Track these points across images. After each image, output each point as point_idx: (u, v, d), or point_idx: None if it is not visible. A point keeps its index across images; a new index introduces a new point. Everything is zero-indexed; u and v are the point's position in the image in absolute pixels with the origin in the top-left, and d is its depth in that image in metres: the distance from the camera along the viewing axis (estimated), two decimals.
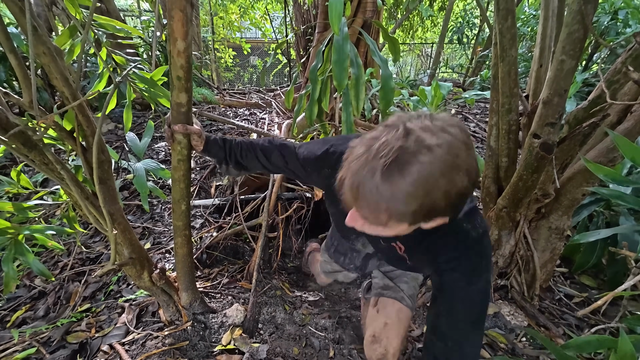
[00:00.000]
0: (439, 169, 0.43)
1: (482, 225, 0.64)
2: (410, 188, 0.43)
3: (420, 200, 0.44)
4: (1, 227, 0.72)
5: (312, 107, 1.70)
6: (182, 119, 0.76)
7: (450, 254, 0.65)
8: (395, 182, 0.44)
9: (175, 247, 1.01)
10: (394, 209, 0.46)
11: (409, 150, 0.43)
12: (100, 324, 1.15)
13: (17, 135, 0.59)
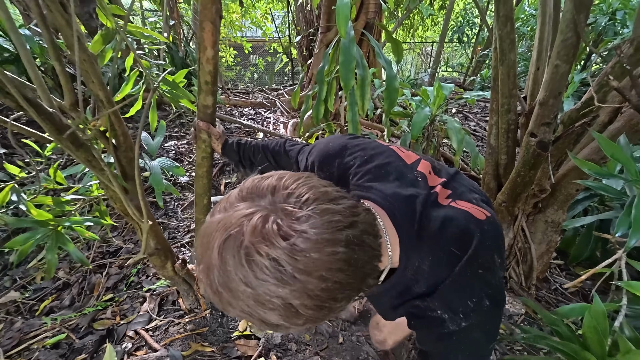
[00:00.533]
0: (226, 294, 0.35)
1: (475, 314, 0.46)
2: (206, 291, 0.37)
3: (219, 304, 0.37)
4: (44, 219, 0.80)
5: (319, 107, 1.77)
6: (208, 119, 0.83)
7: (423, 339, 0.53)
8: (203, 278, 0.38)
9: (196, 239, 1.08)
10: None
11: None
12: (124, 312, 1.23)
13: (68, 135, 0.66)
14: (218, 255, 0.34)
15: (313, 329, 1.34)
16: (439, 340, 0.48)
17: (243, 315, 0.36)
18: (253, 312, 0.35)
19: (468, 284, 0.45)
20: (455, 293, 0.46)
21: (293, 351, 1.16)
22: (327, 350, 1.21)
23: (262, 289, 0.33)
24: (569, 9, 0.83)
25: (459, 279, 0.45)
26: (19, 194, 0.76)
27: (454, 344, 0.47)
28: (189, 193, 1.92)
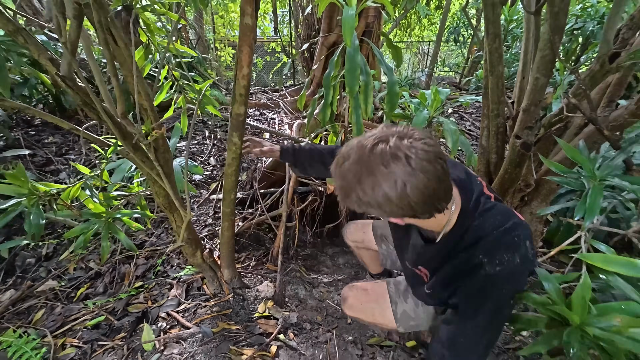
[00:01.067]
0: (355, 176, 0.54)
1: (508, 263, 0.60)
2: (340, 183, 0.58)
3: (343, 192, 0.57)
4: (98, 211, 0.92)
5: (325, 110, 1.91)
6: (240, 126, 0.96)
7: (458, 284, 0.68)
8: (336, 174, 0.59)
9: (222, 229, 1.22)
10: (336, 190, 0.61)
11: (346, 156, 0.57)
12: (154, 297, 1.36)
13: (129, 140, 0.79)
14: (364, 156, 0.54)
15: (324, 313, 1.49)
16: (474, 286, 0.64)
17: (365, 200, 0.55)
18: (376, 194, 0.54)
19: (505, 242, 0.62)
20: (495, 243, 0.62)
21: (308, 329, 1.30)
22: (337, 329, 1.35)
23: (392, 176, 0.52)
24: (547, 31, 0.97)
25: (500, 237, 0.63)
26: (91, 189, 0.89)
27: (486, 291, 0.63)
28: (203, 191, 2.06)
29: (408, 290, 1.00)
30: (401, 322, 0.97)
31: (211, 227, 1.78)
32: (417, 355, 1.16)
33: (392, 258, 1.26)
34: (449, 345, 0.73)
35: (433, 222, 0.67)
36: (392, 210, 0.55)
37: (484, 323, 0.66)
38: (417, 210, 0.55)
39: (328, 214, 2.42)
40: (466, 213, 0.67)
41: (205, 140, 2.53)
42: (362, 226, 1.34)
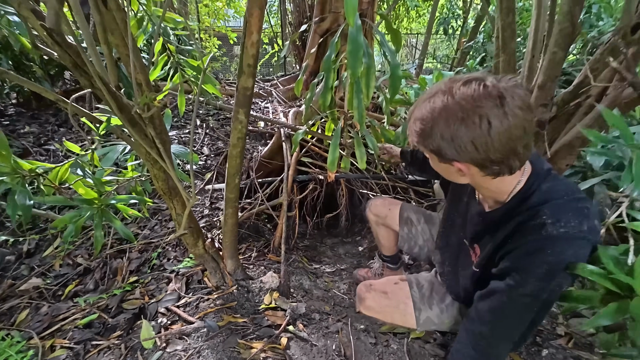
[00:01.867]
0: (442, 110, 0.55)
1: (573, 228, 0.57)
2: (421, 114, 0.59)
3: (423, 126, 0.58)
4: (90, 197, 0.83)
5: (325, 94, 1.83)
6: (247, 102, 0.88)
7: (514, 245, 0.64)
8: (419, 110, 0.61)
9: (225, 217, 1.14)
10: (411, 127, 0.63)
11: (433, 93, 0.58)
12: (151, 292, 1.27)
13: (126, 113, 0.70)
14: (456, 90, 0.56)
15: (332, 302, 1.44)
16: (530, 247, 0.60)
17: (446, 135, 0.56)
18: (466, 129, 0.54)
19: (574, 208, 0.59)
20: (564, 207, 0.59)
21: (317, 319, 1.25)
22: (347, 317, 1.31)
23: (480, 113, 0.52)
24: (566, 2, 0.94)
25: (570, 202, 0.60)
26: (83, 169, 0.79)
27: (543, 254, 0.58)
28: (197, 181, 1.95)
29: (433, 296, 0.97)
30: (422, 327, 0.95)
31: (208, 219, 1.69)
32: (432, 340, 1.13)
33: (410, 243, 1.23)
34: (489, 320, 0.67)
35: (496, 186, 0.66)
36: (467, 151, 0.55)
37: (534, 292, 0.60)
38: (492, 157, 0.55)
39: (327, 204, 2.37)
40: (538, 175, 0.65)
41: (197, 130, 2.41)
42: (389, 203, 1.32)
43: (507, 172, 0.60)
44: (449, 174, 0.68)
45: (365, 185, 2.36)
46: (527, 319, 0.64)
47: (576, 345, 1.03)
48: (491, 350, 0.69)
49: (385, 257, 1.46)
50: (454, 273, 0.90)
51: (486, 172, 0.60)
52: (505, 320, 0.66)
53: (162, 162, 0.78)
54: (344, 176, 2.10)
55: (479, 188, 0.72)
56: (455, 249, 0.88)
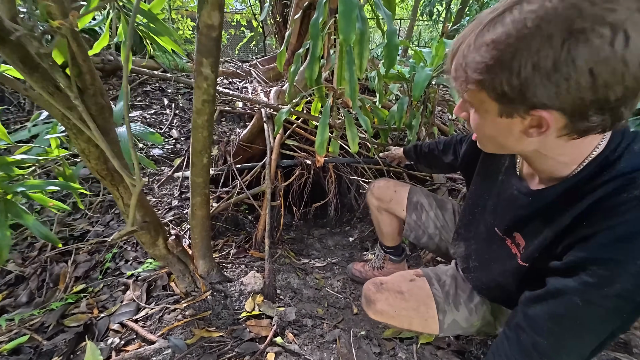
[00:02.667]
0: (540, 20, 0.36)
1: None
2: (492, 36, 0.40)
3: (499, 51, 0.39)
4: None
5: (312, 65, 1.59)
6: (213, 49, 0.64)
7: (592, 229, 0.45)
8: (483, 34, 0.41)
9: (192, 208, 0.91)
10: (470, 60, 0.42)
11: (516, 1, 0.39)
12: (102, 303, 1.02)
13: (14, 48, 0.45)
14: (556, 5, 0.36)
15: (325, 303, 1.25)
16: (617, 233, 0.42)
17: (541, 63, 0.37)
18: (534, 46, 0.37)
19: None
20: None
21: (309, 327, 1.06)
22: (344, 322, 1.13)
23: (616, 16, 0.34)
24: None
25: None
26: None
27: (636, 242, 0.41)
28: (164, 167, 1.68)
29: (459, 294, 0.78)
30: (447, 331, 0.77)
31: (178, 210, 1.44)
32: (445, 346, 0.97)
33: (418, 232, 1.05)
34: (550, 330, 0.48)
35: (567, 153, 0.48)
36: (577, 85, 0.36)
37: (626, 292, 0.42)
38: (611, 97, 0.37)
39: (314, 191, 2.17)
40: (624, 135, 0.47)
41: (164, 110, 2.10)
42: (395, 185, 1.13)
43: (606, 126, 0.41)
44: (507, 136, 0.48)
45: (354, 170, 2.17)
46: (608, 329, 0.46)
47: (610, 345, 0.90)
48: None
49: (387, 249, 1.28)
50: (484, 269, 0.72)
51: (575, 128, 0.42)
52: (576, 330, 0.47)
53: (90, 133, 0.53)
54: (333, 160, 1.90)
55: (535, 158, 0.52)
56: (486, 240, 0.70)
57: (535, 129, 0.44)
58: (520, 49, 0.38)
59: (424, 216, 1.04)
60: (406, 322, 0.78)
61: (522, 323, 0.53)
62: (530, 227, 0.58)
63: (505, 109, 0.44)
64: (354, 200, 2.52)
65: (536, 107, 0.41)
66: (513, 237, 0.62)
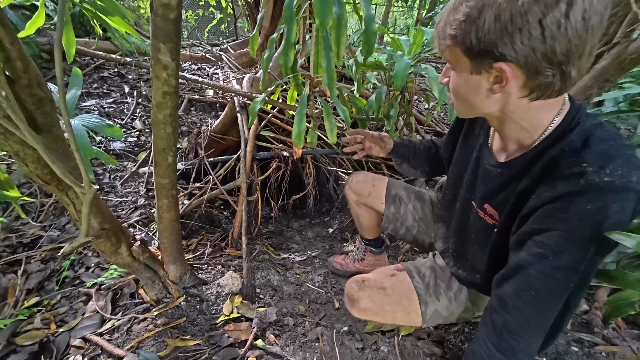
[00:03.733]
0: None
1: (621, 177, 0.44)
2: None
3: (469, 9, 0.45)
4: None
5: (287, 52, 1.50)
6: (170, 30, 0.56)
7: (540, 199, 0.50)
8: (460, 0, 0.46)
9: (158, 211, 0.83)
10: (449, 19, 0.48)
11: None
12: (60, 317, 0.93)
13: None
14: None
15: (306, 299, 1.23)
16: (570, 199, 0.46)
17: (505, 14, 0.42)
18: None
19: (623, 154, 0.46)
20: (610, 151, 0.47)
21: (291, 325, 1.03)
22: (325, 318, 1.11)
23: None
24: None
25: (619, 147, 0.47)
26: None
27: (583, 209, 0.45)
28: (127, 162, 1.54)
29: (438, 284, 0.80)
30: (429, 322, 0.79)
31: (145, 210, 1.33)
32: (425, 337, 0.99)
33: (396, 224, 1.04)
34: (515, 306, 0.51)
35: (530, 118, 0.52)
36: (528, 37, 0.42)
37: (572, 262, 0.47)
38: (557, 50, 0.42)
39: (292, 182, 2.12)
40: (579, 110, 0.52)
41: (125, 98, 1.91)
42: (373, 179, 1.11)
43: (557, 86, 0.45)
44: (477, 95, 0.52)
45: (333, 161, 2.14)
46: (561, 300, 0.50)
47: (573, 326, 0.96)
48: (520, 346, 0.52)
49: (367, 241, 1.27)
50: (462, 247, 0.75)
51: (531, 85, 0.46)
52: (537, 304, 0.50)
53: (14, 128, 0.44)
54: (311, 152, 1.85)
55: (504, 122, 0.56)
56: (463, 215, 0.73)
57: (498, 85, 0.48)
58: (486, 5, 0.43)
59: (403, 209, 1.03)
60: (390, 317, 0.78)
61: (494, 304, 0.56)
62: (500, 198, 0.61)
63: (475, 65, 0.49)
64: (333, 190, 2.50)
65: (497, 60, 0.45)
66: (485, 209, 0.65)
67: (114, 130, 1.10)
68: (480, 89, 0.51)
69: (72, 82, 1.06)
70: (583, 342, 0.89)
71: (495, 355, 0.54)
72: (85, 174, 0.50)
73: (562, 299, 0.50)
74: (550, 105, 0.51)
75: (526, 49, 0.42)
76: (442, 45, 0.51)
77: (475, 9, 0.44)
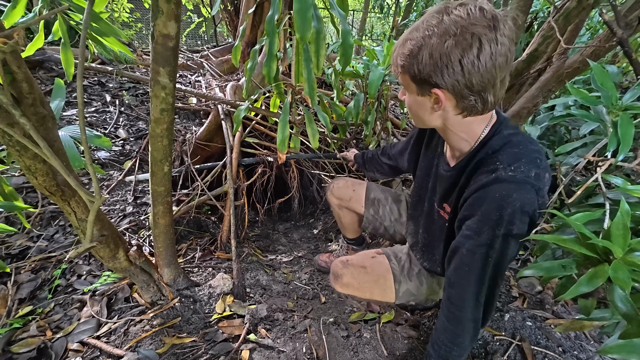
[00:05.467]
0: (435, 27, 0.54)
1: (521, 173, 0.57)
2: (412, 36, 0.57)
3: (412, 46, 0.56)
4: None
5: (270, 62, 1.59)
6: (170, 57, 0.63)
7: (469, 191, 0.63)
8: (408, 33, 0.58)
9: (154, 217, 0.88)
10: (399, 52, 0.59)
11: (427, 16, 0.56)
12: (55, 324, 0.95)
13: None
14: (452, 10, 0.54)
15: (294, 296, 1.31)
16: (480, 192, 0.59)
17: (434, 54, 0.54)
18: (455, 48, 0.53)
19: (528, 155, 0.59)
20: (518, 154, 0.59)
21: (281, 320, 1.11)
22: (313, 311, 1.20)
23: (478, 34, 0.52)
24: None
25: (525, 151, 0.60)
26: None
27: (492, 198, 0.58)
28: (113, 171, 1.56)
29: (412, 268, 0.93)
30: (401, 299, 0.90)
31: (134, 217, 1.36)
32: (403, 322, 1.10)
33: (375, 224, 1.15)
34: (455, 282, 0.64)
35: (465, 130, 0.65)
36: (452, 72, 0.54)
37: (488, 240, 0.58)
38: (473, 82, 0.54)
39: (277, 186, 2.19)
40: (501, 123, 0.65)
41: (107, 107, 1.92)
42: (353, 184, 1.21)
43: (480, 107, 0.58)
44: (423, 111, 0.65)
45: (315, 164, 2.23)
46: (487, 273, 0.61)
47: (529, 305, 1.10)
48: (462, 315, 0.64)
49: (350, 240, 1.38)
50: (429, 241, 0.87)
51: (461, 106, 0.59)
52: (470, 277, 0.62)
53: (35, 149, 0.50)
54: (295, 157, 1.93)
55: (448, 134, 0.68)
56: (429, 214, 0.85)
57: (437, 105, 0.60)
58: (423, 45, 0.55)
59: (381, 210, 1.14)
60: (368, 293, 0.89)
61: (445, 282, 0.69)
62: (452, 197, 0.74)
63: (419, 89, 0.61)
64: (317, 192, 2.59)
65: (434, 87, 0.58)
66: (444, 207, 0.78)
67: (103, 140, 1.14)
68: (426, 107, 0.63)
69: (55, 93, 1.08)
70: (536, 318, 1.03)
71: (447, 327, 0.67)
72: (96, 184, 0.56)
73: (487, 272, 0.61)
74: (480, 119, 0.64)
75: (452, 80, 0.55)
76: (396, 71, 0.63)
77: (416, 47, 0.56)
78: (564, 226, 0.69)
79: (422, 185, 0.90)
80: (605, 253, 0.60)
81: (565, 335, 0.96)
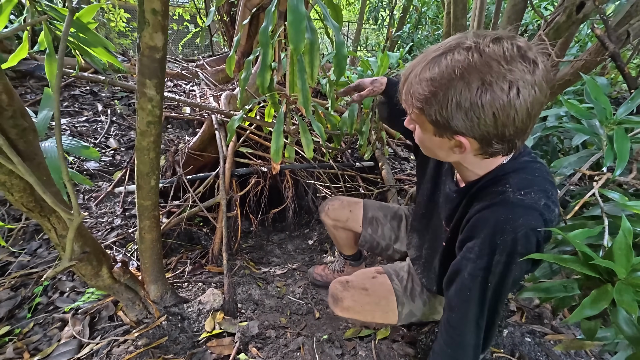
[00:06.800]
0: (464, 69, 0.46)
1: (531, 199, 0.53)
2: (431, 75, 0.49)
3: (434, 88, 0.49)
4: None
5: (264, 73, 1.58)
6: (157, 70, 0.61)
7: (472, 212, 0.59)
8: (425, 70, 0.50)
9: (140, 232, 0.85)
10: (414, 90, 0.52)
11: (452, 48, 0.48)
12: (34, 345, 0.90)
13: None
14: (482, 48, 0.46)
15: (287, 311, 1.27)
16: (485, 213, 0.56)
17: (459, 100, 0.47)
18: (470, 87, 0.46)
19: (539, 184, 0.55)
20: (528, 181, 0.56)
21: (273, 338, 1.07)
22: (306, 328, 1.16)
23: (510, 78, 0.45)
24: None
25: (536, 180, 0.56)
26: None
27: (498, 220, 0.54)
28: (102, 182, 1.52)
29: (415, 287, 0.90)
30: (404, 321, 0.88)
31: (122, 230, 1.32)
32: (400, 339, 1.06)
33: (372, 243, 1.12)
34: (456, 305, 0.61)
35: (482, 166, 0.60)
36: (483, 123, 0.48)
37: (488, 263, 0.54)
38: (506, 133, 0.48)
39: (271, 196, 2.16)
40: (522, 152, 0.61)
41: (98, 117, 1.89)
42: (349, 204, 1.16)
43: (506, 152, 0.54)
44: (439, 149, 0.59)
45: (310, 174, 2.21)
46: (487, 297, 0.58)
47: (527, 319, 1.07)
48: (463, 340, 0.61)
49: (346, 256, 1.35)
50: (432, 257, 0.83)
51: (484, 151, 0.54)
52: (470, 301, 0.59)
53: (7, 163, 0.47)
54: (289, 167, 1.91)
55: (460, 167, 0.64)
56: (436, 231, 0.81)
57: (457, 148, 0.55)
58: (449, 89, 0.48)
59: (380, 229, 1.11)
60: (369, 316, 0.86)
61: (445, 305, 0.66)
62: (455, 217, 0.70)
63: (438, 131, 0.55)
64: (312, 202, 2.56)
65: (457, 134, 0.52)
66: (450, 227, 0.73)
67: (91, 151, 1.11)
68: (443, 146, 0.57)
69: (43, 102, 1.06)
70: (535, 333, 1.00)
71: (445, 351, 0.63)
72: (75, 202, 0.53)
73: (487, 297, 0.58)
74: (495, 160, 0.59)
75: (482, 132, 0.49)
76: (409, 108, 0.56)
77: (440, 90, 0.48)
78: (562, 243, 0.67)
79: (429, 198, 0.85)
80: (608, 273, 0.58)
81: (565, 352, 0.94)
